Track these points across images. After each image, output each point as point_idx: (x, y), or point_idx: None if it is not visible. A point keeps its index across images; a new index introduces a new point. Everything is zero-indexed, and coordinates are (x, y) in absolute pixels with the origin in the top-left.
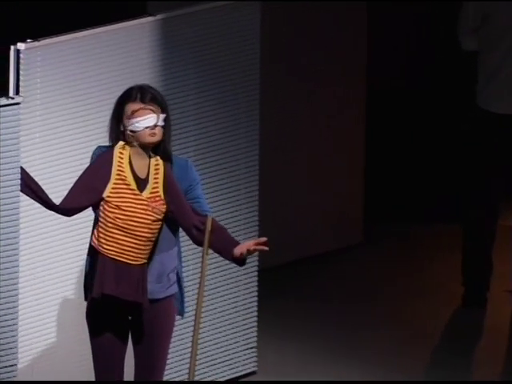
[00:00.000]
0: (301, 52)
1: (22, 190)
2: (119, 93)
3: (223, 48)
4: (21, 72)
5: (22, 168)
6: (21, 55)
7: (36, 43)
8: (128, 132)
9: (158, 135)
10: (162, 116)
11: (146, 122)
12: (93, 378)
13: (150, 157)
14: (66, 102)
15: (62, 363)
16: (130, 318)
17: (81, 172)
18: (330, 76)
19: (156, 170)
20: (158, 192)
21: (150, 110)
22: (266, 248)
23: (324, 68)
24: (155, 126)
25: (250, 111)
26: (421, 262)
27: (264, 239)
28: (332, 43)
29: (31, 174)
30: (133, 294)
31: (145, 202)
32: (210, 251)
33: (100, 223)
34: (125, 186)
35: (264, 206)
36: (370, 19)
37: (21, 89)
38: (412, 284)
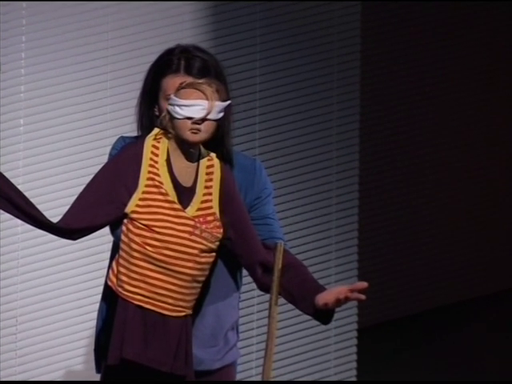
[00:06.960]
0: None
1: None
2: (145, 58)
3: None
4: None
5: None
6: None
7: None
8: (165, 115)
9: (203, 133)
10: (219, 105)
11: (191, 110)
12: None
13: (199, 154)
14: (64, 71)
15: None
16: None
17: (88, 177)
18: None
19: (209, 174)
20: (210, 208)
21: (202, 92)
22: (363, 297)
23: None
24: (203, 120)
25: (346, 104)
26: None
27: (364, 284)
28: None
29: (12, 181)
30: (169, 362)
31: (190, 223)
32: (282, 300)
33: (122, 252)
34: (160, 197)
35: (366, 235)
36: None
37: None
38: None
